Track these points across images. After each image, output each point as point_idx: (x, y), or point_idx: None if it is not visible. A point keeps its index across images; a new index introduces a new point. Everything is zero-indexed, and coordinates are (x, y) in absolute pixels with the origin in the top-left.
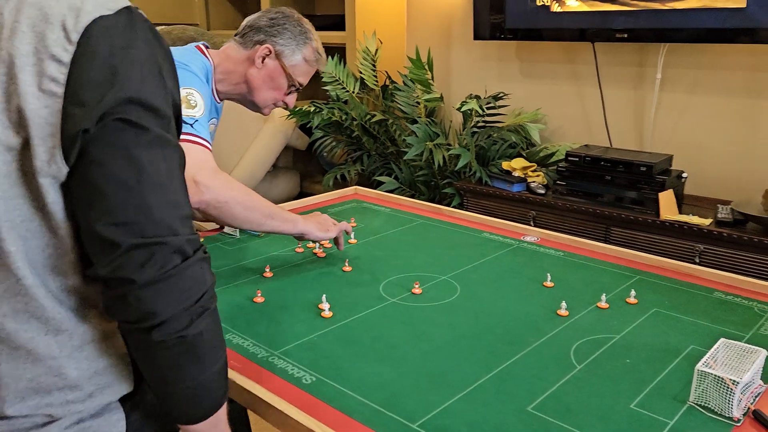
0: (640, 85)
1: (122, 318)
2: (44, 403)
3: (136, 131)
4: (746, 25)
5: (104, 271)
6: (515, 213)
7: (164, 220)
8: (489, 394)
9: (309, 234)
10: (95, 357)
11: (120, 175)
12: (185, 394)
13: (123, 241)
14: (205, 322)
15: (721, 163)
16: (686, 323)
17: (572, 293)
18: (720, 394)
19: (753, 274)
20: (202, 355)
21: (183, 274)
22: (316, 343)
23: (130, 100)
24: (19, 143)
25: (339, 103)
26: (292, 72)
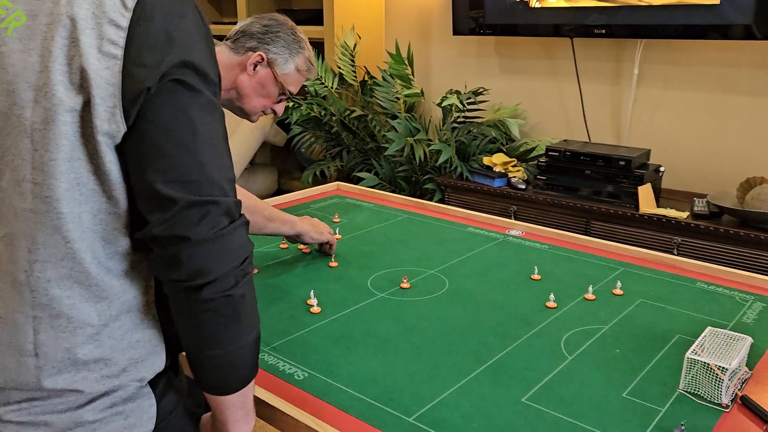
0: (617, 80)
1: (173, 277)
2: (80, 377)
3: (191, 93)
4: (719, 21)
5: (159, 229)
6: (496, 208)
7: (217, 181)
8: (483, 386)
9: (305, 235)
10: (130, 328)
11: (178, 133)
12: (222, 359)
13: (181, 198)
14: (247, 285)
15: (696, 156)
16: (671, 313)
17: (559, 285)
18: (709, 381)
19: (729, 264)
20: (243, 317)
21: (231, 235)
22: (307, 339)
23: (186, 64)
24: (80, 103)
25: (318, 98)
26: (284, 81)
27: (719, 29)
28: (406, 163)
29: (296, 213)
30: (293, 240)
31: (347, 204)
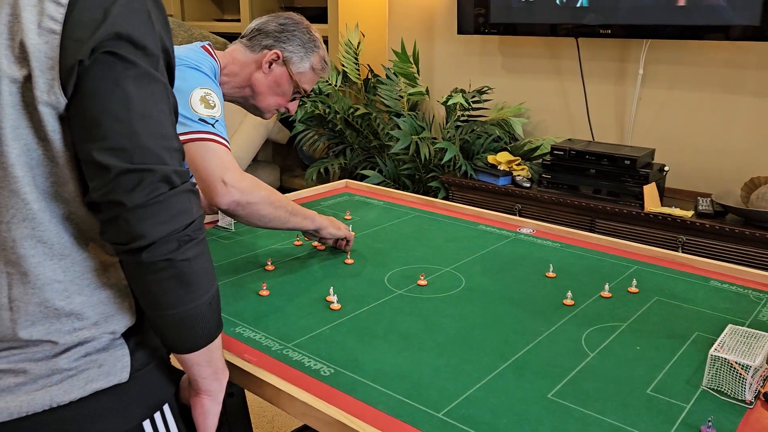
0: (622, 80)
1: (115, 240)
2: (53, 329)
3: (124, 65)
4: (725, 22)
5: (97, 195)
6: (501, 206)
7: (152, 149)
8: (508, 383)
9: (324, 230)
10: (97, 286)
11: (110, 104)
12: (176, 319)
13: (114, 166)
14: (192, 250)
15: (700, 156)
16: (688, 311)
17: (575, 283)
18: (733, 377)
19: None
20: (190, 281)
21: (169, 201)
22: (329, 335)
23: (119, 35)
24: (22, 76)
25: (321, 96)
26: (299, 79)
27: (725, 30)
28: (410, 161)
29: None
30: (311, 236)
31: (357, 201)
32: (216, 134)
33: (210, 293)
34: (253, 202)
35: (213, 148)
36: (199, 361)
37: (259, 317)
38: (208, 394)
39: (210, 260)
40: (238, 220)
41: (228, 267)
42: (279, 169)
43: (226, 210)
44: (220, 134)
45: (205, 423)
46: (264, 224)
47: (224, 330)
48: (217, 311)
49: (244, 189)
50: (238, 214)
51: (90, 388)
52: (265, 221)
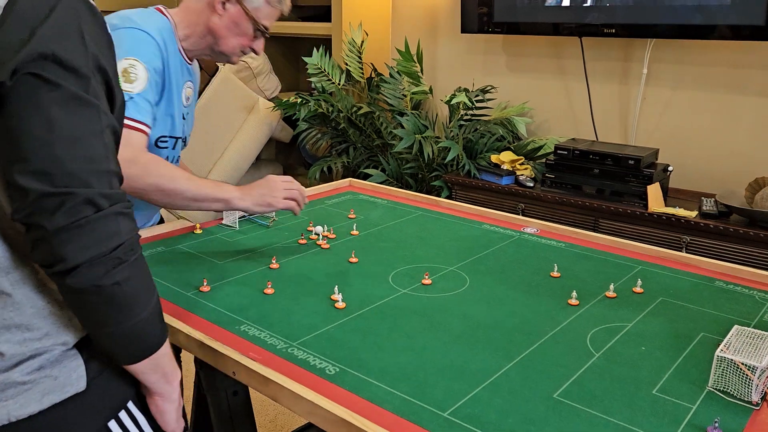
0: (625, 79)
1: (40, 262)
2: (3, 339)
3: (48, 87)
4: (729, 22)
5: (19, 216)
6: (504, 205)
7: (75, 172)
8: (514, 383)
9: (247, 211)
10: (44, 297)
11: (32, 127)
12: (114, 337)
13: (34, 189)
14: (122, 272)
15: (704, 156)
16: (693, 311)
17: (580, 283)
18: (739, 378)
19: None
20: (123, 303)
21: (94, 224)
22: (334, 334)
23: (44, 56)
24: None
25: (325, 95)
26: (256, 15)
27: (729, 29)
28: (413, 160)
29: (311, 209)
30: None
31: (360, 200)
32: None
33: (147, 310)
34: (140, 189)
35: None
36: (144, 369)
37: (264, 315)
38: (160, 396)
39: (146, 277)
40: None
41: (232, 265)
42: (282, 167)
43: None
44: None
45: (162, 420)
46: (164, 207)
47: (230, 328)
48: (158, 323)
49: (130, 175)
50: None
51: (48, 401)
52: (162, 205)
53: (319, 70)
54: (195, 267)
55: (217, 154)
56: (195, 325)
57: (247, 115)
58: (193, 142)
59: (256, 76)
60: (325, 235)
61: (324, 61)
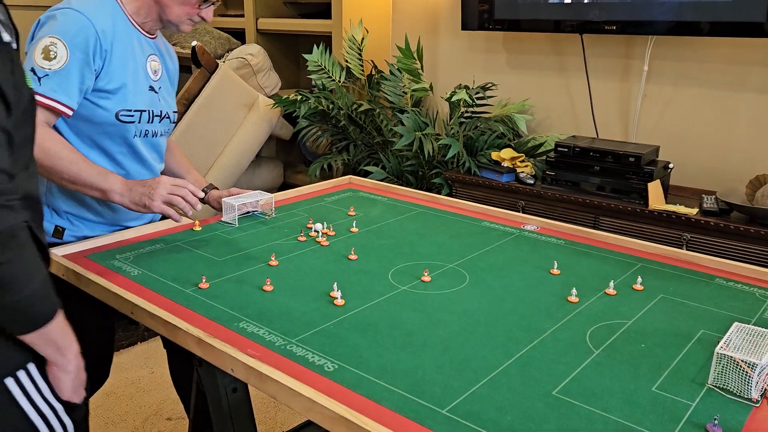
0: (626, 77)
1: None
2: None
3: None
4: (730, 18)
5: None
6: (505, 203)
7: None
8: (513, 379)
9: (123, 206)
10: None
11: None
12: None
13: None
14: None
15: (705, 153)
16: (693, 308)
17: (580, 280)
18: (739, 376)
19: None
20: (2, 284)
21: None
22: (333, 331)
23: None
24: None
25: (325, 92)
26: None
27: (730, 26)
28: (413, 158)
29: (311, 206)
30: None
31: (360, 198)
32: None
33: (26, 291)
34: None
35: None
36: (34, 341)
37: (262, 312)
38: (56, 365)
39: (27, 262)
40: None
41: (231, 262)
42: (282, 165)
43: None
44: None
45: (58, 387)
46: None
47: (228, 325)
48: (45, 302)
49: None
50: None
51: None
52: (49, 179)
53: (320, 68)
54: (194, 264)
55: (217, 151)
56: (193, 322)
57: (247, 112)
58: (193, 139)
59: (256, 73)
60: (324, 233)
61: (324, 58)
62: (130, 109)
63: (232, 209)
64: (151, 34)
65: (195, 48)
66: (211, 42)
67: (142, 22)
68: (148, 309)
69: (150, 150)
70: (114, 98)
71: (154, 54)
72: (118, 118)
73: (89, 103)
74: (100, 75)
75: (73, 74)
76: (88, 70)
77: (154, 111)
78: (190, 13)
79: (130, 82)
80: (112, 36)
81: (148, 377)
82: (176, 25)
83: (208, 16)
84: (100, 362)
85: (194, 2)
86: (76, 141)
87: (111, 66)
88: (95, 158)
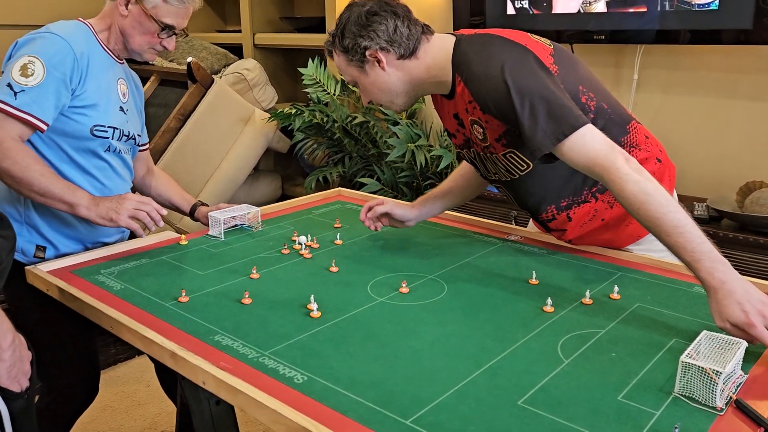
0: (617, 86)
1: None
2: None
3: None
4: (718, 26)
5: None
6: (497, 213)
7: None
8: (480, 390)
9: (89, 220)
10: None
11: None
12: None
13: None
14: None
15: (696, 161)
16: (668, 317)
17: (557, 290)
18: (704, 384)
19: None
20: None
21: None
22: (306, 343)
23: None
24: None
25: (320, 105)
26: (155, 14)
27: (719, 34)
28: (407, 169)
29: (298, 219)
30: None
31: (348, 210)
32: (4, 102)
33: None
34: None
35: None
36: None
37: (238, 325)
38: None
39: None
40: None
41: (213, 276)
42: (280, 178)
43: None
44: (8, 102)
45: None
46: (20, 194)
47: (204, 338)
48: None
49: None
50: None
51: None
52: (17, 192)
53: (315, 81)
54: (176, 278)
55: (214, 166)
56: (169, 336)
57: (244, 126)
58: (189, 154)
59: (253, 88)
60: (308, 245)
61: (320, 72)
62: (104, 125)
63: (218, 223)
64: (119, 59)
65: (190, 64)
66: (208, 57)
67: (113, 48)
68: (125, 323)
69: (122, 165)
70: (89, 114)
71: (122, 78)
72: (92, 132)
73: (66, 118)
74: (76, 94)
75: (49, 91)
76: (65, 88)
77: (123, 130)
78: (151, 42)
79: (103, 101)
80: (88, 58)
81: (144, 390)
82: (139, 54)
83: (170, 46)
84: (87, 377)
85: (154, 31)
86: (53, 155)
87: (86, 85)
88: (71, 172)
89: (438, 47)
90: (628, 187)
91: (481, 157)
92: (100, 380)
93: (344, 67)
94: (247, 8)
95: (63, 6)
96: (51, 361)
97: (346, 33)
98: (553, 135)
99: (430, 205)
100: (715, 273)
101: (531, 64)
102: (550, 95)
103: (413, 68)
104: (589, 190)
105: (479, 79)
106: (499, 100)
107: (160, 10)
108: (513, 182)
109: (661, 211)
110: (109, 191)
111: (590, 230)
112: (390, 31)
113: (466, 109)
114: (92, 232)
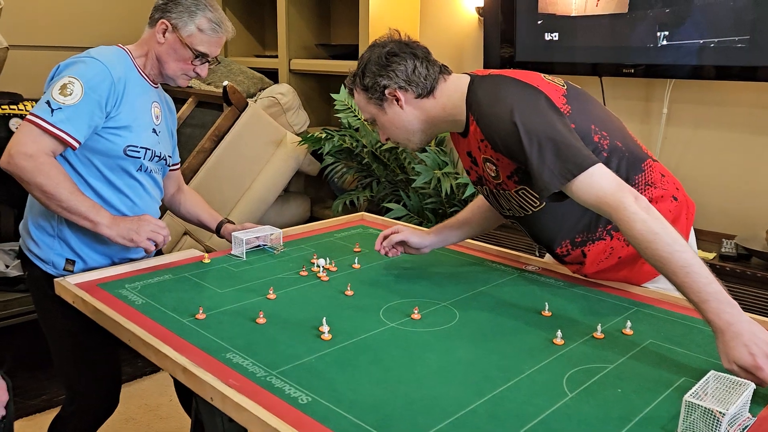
0: (646, 119)
1: None
2: None
3: None
4: (748, 63)
5: None
6: (522, 242)
7: None
8: (480, 419)
9: (110, 239)
10: None
11: None
12: None
13: None
14: None
15: (725, 197)
16: (680, 355)
17: (569, 323)
18: (707, 425)
19: (756, 309)
20: None
21: None
22: (314, 365)
23: None
24: None
25: (350, 130)
26: (190, 42)
27: (749, 70)
28: (434, 196)
29: (320, 242)
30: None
31: (370, 234)
32: (41, 118)
33: None
34: (26, 181)
35: (27, 126)
36: None
37: (250, 344)
38: None
39: None
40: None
41: (232, 294)
42: (310, 200)
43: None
44: (45, 118)
45: None
46: (46, 207)
47: (216, 355)
48: None
49: (23, 167)
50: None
51: None
52: (43, 205)
53: (347, 107)
54: (196, 295)
55: (245, 186)
56: (183, 351)
57: (275, 148)
58: (221, 174)
59: (286, 112)
60: (326, 268)
61: (350, 98)
62: (137, 146)
63: (241, 243)
64: (155, 83)
65: (226, 87)
66: (244, 81)
67: (149, 74)
68: (142, 337)
69: (152, 185)
70: (123, 135)
71: (156, 101)
72: (125, 152)
73: (100, 137)
74: (112, 116)
75: (84, 111)
76: (99, 110)
77: (155, 151)
78: (185, 69)
79: (137, 123)
80: (125, 83)
81: (167, 405)
82: (173, 79)
83: (203, 72)
84: (108, 388)
85: (188, 59)
86: (87, 172)
87: (122, 108)
88: (103, 189)
89: (454, 87)
90: (636, 226)
91: (494, 193)
92: (125, 392)
93: (364, 104)
94: (284, 34)
95: (105, 28)
96: (74, 371)
97: (366, 72)
98: (561, 174)
99: (447, 234)
100: (722, 314)
101: (541, 105)
102: (558, 136)
103: (430, 107)
104: (603, 228)
105: (490, 118)
106: (508, 139)
107: (195, 39)
108: (527, 218)
109: (668, 250)
110: (139, 209)
111: (607, 267)
112: (409, 71)
113: (478, 147)
114: (120, 249)
